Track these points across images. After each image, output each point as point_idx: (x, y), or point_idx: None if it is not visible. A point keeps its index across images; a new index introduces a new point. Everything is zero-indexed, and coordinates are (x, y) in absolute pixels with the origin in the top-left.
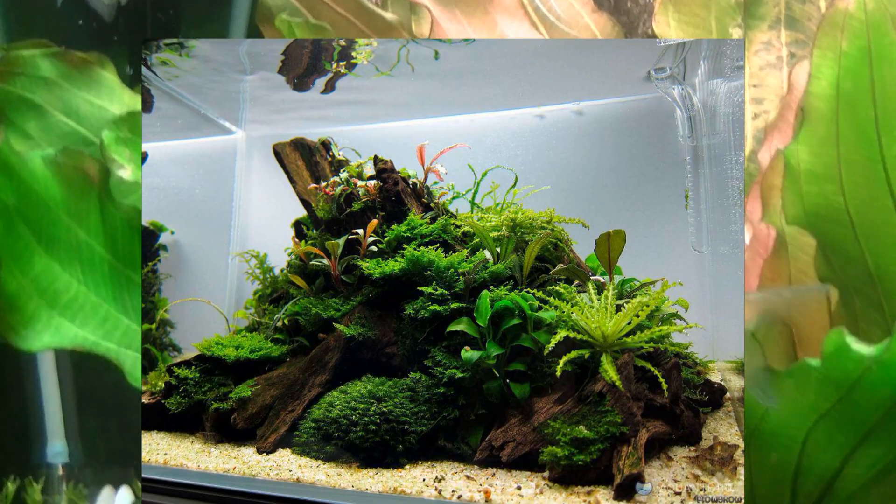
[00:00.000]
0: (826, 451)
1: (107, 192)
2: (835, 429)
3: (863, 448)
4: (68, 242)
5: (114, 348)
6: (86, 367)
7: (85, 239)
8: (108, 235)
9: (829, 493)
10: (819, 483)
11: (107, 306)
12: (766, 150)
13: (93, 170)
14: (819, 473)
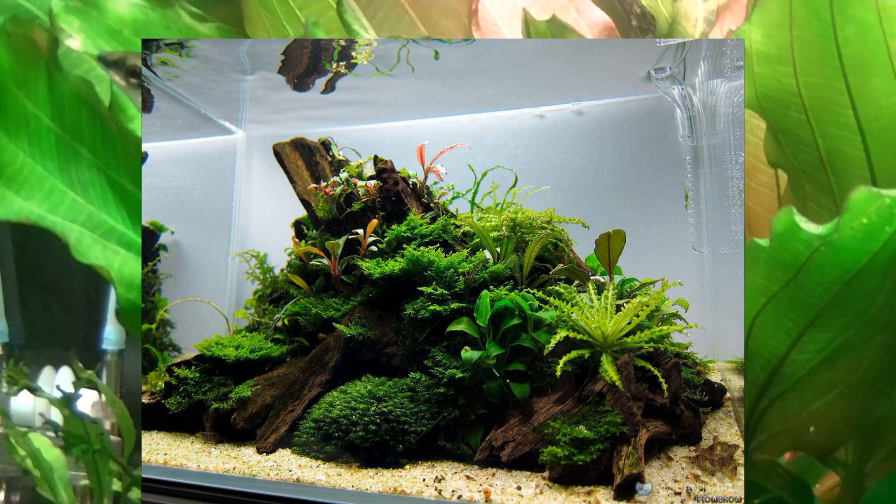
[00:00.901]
0: (774, 335)
1: (55, 63)
2: (783, 312)
3: (810, 333)
4: (15, 113)
5: (59, 222)
6: (29, 242)
7: (32, 110)
8: (55, 107)
9: (776, 377)
10: (766, 367)
11: (53, 179)
12: (718, 31)
13: (41, 39)
14: (766, 357)
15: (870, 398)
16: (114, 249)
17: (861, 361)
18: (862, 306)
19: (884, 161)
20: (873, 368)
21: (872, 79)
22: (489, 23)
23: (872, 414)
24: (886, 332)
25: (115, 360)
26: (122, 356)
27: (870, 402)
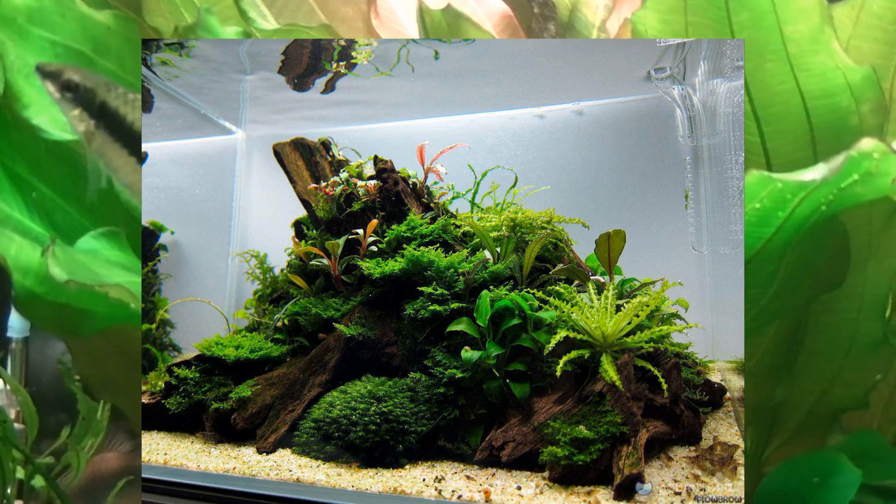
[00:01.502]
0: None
1: None
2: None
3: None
4: None
5: None
6: None
7: None
8: None
9: None
10: None
11: None
12: (616, 19)
13: None
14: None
15: (767, 385)
16: (8, 236)
17: (757, 348)
18: (757, 292)
19: (778, 147)
20: (769, 355)
21: (766, 65)
22: (387, 10)
23: (770, 400)
24: (783, 319)
25: (19, 349)
26: (28, 344)
27: (767, 389)
